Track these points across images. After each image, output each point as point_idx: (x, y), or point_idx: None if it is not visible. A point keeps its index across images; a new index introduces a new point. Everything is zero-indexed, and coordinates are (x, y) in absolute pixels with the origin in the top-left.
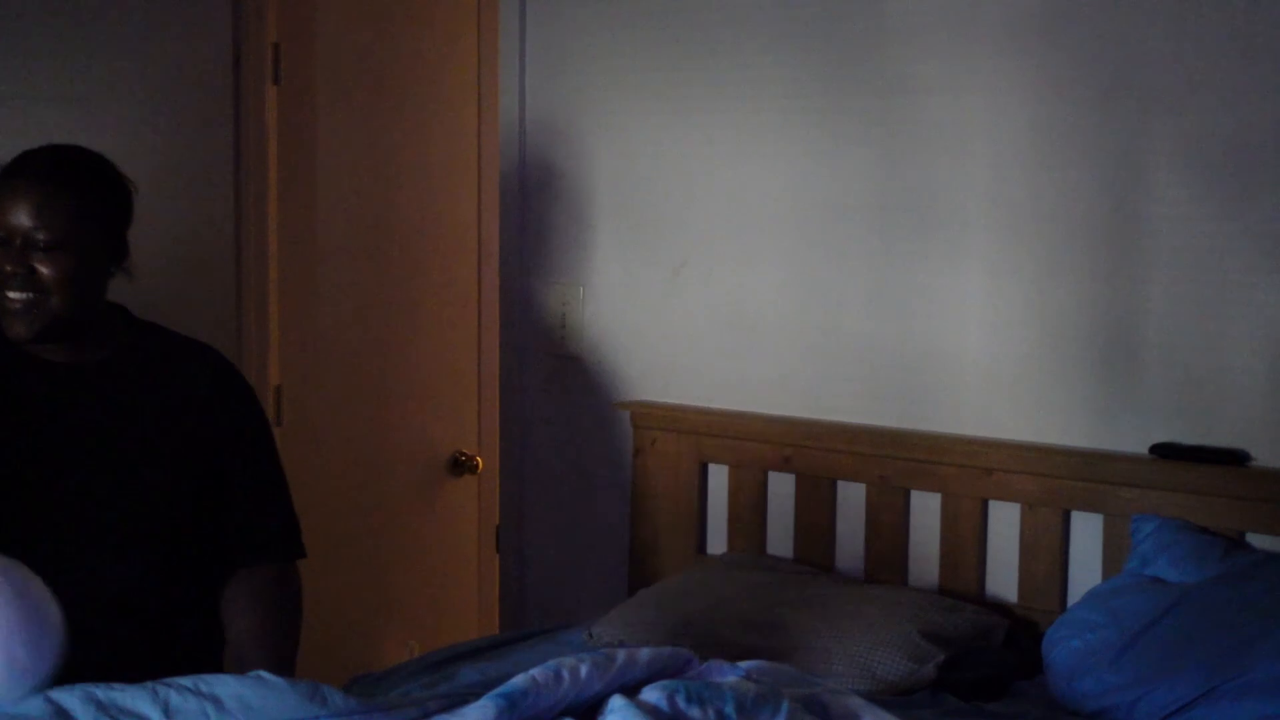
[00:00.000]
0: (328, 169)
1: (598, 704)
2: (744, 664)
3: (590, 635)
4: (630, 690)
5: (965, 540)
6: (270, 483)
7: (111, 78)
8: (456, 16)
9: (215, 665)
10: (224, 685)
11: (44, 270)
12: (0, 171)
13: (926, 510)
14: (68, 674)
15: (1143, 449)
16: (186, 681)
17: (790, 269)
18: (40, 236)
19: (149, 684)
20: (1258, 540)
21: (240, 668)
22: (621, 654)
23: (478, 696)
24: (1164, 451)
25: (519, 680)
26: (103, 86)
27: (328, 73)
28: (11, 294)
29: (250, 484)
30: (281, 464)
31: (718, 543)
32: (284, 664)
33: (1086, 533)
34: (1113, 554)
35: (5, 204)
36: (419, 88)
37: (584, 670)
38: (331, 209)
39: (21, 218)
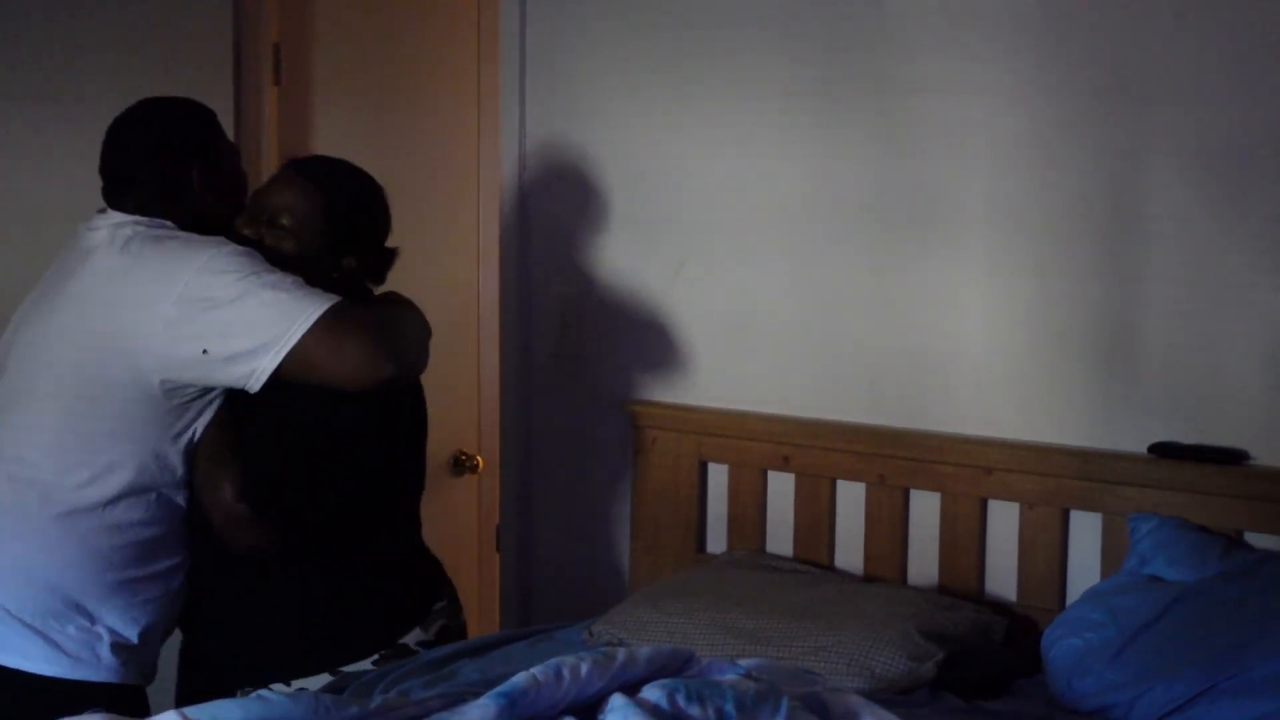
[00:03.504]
0: None
1: (598, 703)
2: (744, 662)
3: (590, 634)
4: (630, 689)
5: (964, 539)
6: None
7: (111, 78)
8: (456, 17)
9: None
10: (229, 711)
11: (271, 245)
12: (287, 160)
13: (926, 509)
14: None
15: (1141, 448)
16: (194, 712)
17: (790, 269)
18: (282, 220)
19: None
20: (1256, 539)
21: None
22: (621, 653)
23: (478, 695)
24: (1163, 451)
25: (519, 679)
26: (103, 86)
27: (328, 73)
28: None
29: None
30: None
31: (718, 542)
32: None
33: (1085, 532)
34: (1112, 553)
35: (272, 184)
36: (419, 88)
37: (584, 669)
38: None
39: (275, 198)
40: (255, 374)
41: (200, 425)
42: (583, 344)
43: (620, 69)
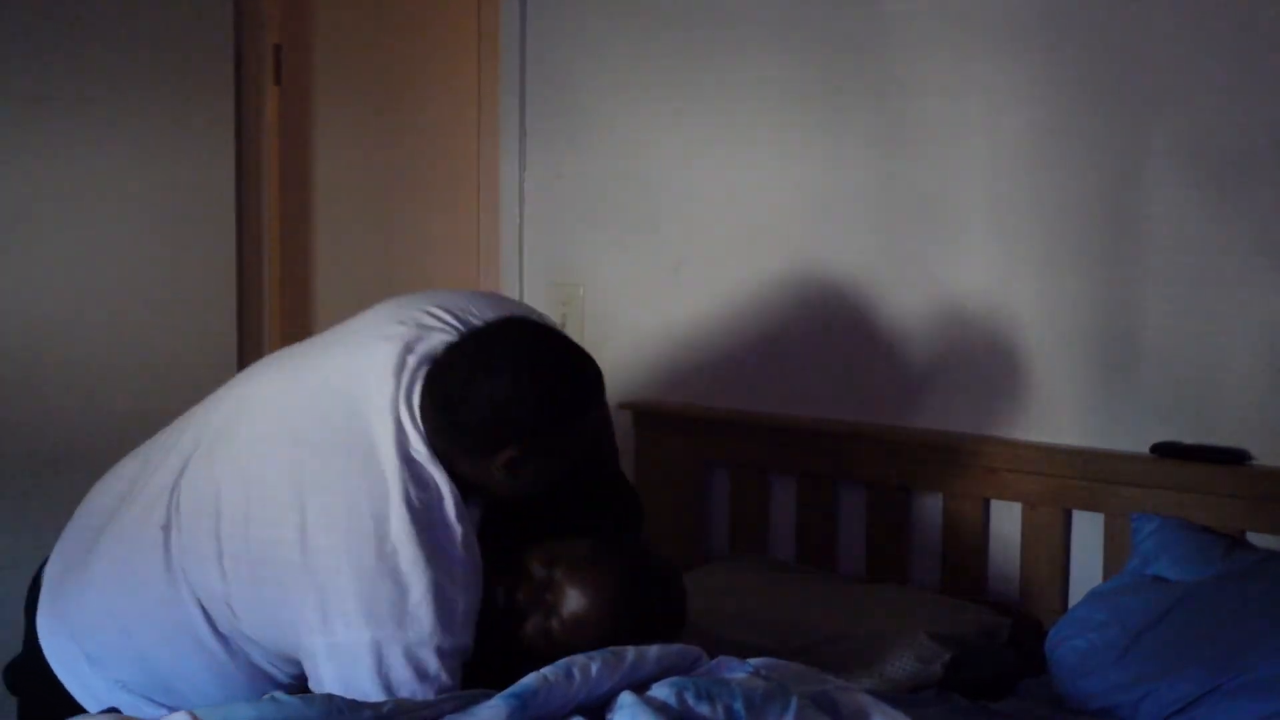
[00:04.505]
0: (328, 169)
1: (607, 701)
2: (753, 660)
3: None
4: (639, 687)
5: (967, 540)
6: None
7: (111, 78)
8: (456, 17)
9: None
10: (241, 712)
11: (519, 632)
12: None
13: (928, 510)
14: None
15: (1143, 448)
16: (205, 713)
17: (790, 268)
18: (555, 628)
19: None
20: (1259, 539)
21: None
22: (631, 651)
23: (489, 696)
24: (1165, 451)
25: (530, 679)
26: (103, 87)
27: (328, 74)
28: None
29: None
30: None
31: (720, 543)
32: None
33: (1087, 532)
34: (1114, 553)
35: (588, 577)
36: (419, 88)
37: (594, 668)
38: (331, 209)
39: (576, 606)
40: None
41: None
42: (583, 344)
43: (620, 69)
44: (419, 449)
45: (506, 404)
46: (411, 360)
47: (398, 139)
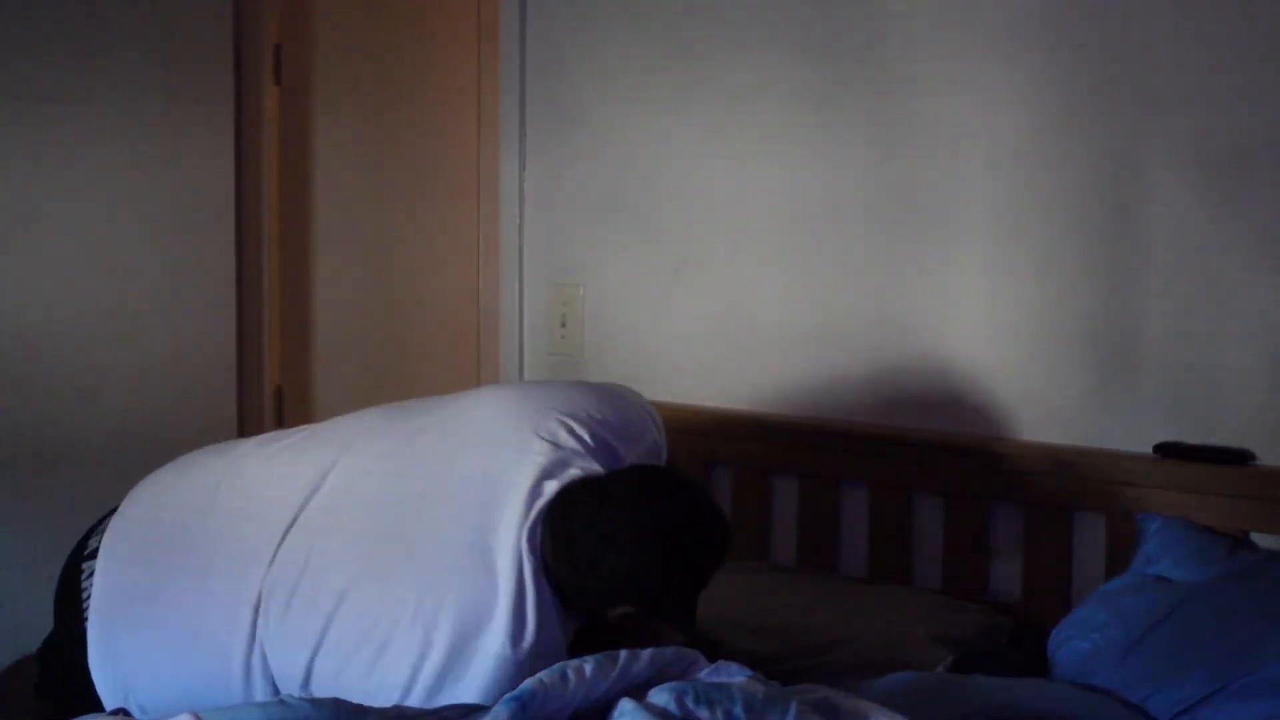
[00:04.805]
0: (328, 169)
1: (606, 706)
2: None
3: None
4: (638, 693)
5: (968, 540)
6: None
7: (111, 78)
8: (456, 17)
9: None
10: (248, 713)
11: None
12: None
13: (930, 510)
14: None
15: (1146, 448)
16: (211, 715)
17: (790, 268)
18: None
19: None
20: (1262, 540)
21: None
22: (624, 654)
23: (490, 705)
24: (1167, 450)
25: (528, 684)
26: (103, 86)
27: (328, 73)
28: None
29: None
30: None
31: None
32: None
33: (1090, 532)
34: (1117, 553)
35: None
36: (419, 88)
37: (589, 670)
38: (331, 209)
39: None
40: None
41: None
42: (582, 344)
43: (620, 69)
44: (534, 580)
45: (630, 577)
46: (548, 487)
47: (398, 138)
